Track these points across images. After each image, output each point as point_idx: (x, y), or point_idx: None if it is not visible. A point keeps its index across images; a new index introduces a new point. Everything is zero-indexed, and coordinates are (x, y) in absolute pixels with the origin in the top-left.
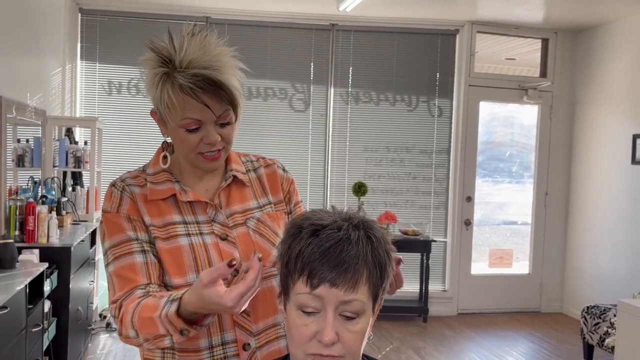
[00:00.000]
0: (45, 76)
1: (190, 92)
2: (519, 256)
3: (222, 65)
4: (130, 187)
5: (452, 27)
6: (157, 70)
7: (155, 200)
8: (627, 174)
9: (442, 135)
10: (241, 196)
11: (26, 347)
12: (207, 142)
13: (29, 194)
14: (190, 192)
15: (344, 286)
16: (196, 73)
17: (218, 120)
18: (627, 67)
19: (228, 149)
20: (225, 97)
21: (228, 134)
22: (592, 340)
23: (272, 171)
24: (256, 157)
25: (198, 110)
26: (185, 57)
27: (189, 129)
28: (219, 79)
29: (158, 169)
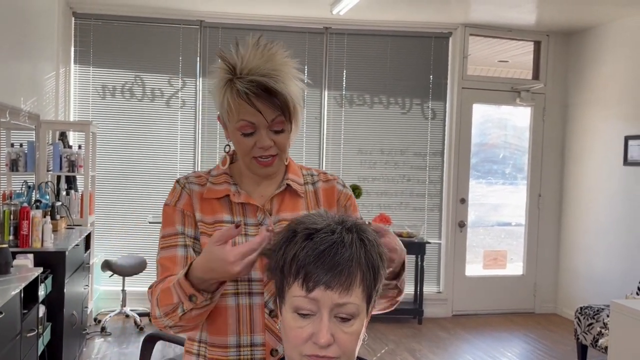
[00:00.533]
0: (39, 80)
1: (245, 97)
2: (512, 257)
3: (281, 74)
4: (190, 185)
5: (445, 29)
6: (222, 77)
7: (210, 198)
8: (619, 175)
9: (436, 137)
10: (293, 205)
11: (21, 352)
12: (259, 146)
13: (23, 198)
14: (243, 195)
15: (338, 288)
16: (253, 79)
17: (271, 126)
18: (619, 69)
19: (282, 157)
20: (278, 104)
21: (282, 142)
22: (586, 341)
23: (331, 186)
24: (318, 171)
25: (252, 114)
26: (246, 65)
27: (244, 132)
28: (273, 86)
29: (220, 172)
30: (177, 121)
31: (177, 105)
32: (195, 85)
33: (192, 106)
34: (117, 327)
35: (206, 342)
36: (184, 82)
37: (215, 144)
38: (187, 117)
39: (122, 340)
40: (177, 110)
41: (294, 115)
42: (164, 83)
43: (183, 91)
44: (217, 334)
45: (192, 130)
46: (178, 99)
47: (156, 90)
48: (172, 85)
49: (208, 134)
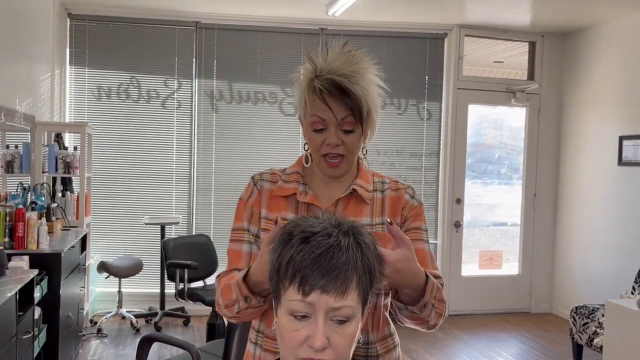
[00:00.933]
0: (34, 81)
1: (319, 94)
2: (508, 257)
3: (358, 77)
4: (262, 182)
5: (440, 30)
6: (305, 76)
7: (278, 196)
8: (614, 175)
9: (432, 138)
10: (357, 211)
11: (16, 354)
12: (327, 142)
13: (18, 200)
14: (310, 195)
15: (334, 292)
16: (329, 78)
17: (341, 125)
18: (613, 69)
19: (350, 160)
20: (350, 103)
21: (350, 143)
22: (581, 340)
23: (399, 195)
24: (391, 180)
25: (323, 110)
26: (328, 65)
27: (315, 128)
28: (347, 86)
29: (294, 171)
30: (173, 122)
31: (173, 106)
32: (191, 87)
33: (188, 107)
34: (113, 329)
35: (263, 332)
36: (180, 83)
37: (211, 145)
38: (183, 118)
39: (119, 342)
40: (173, 111)
41: (367, 119)
42: (159, 84)
43: (179, 92)
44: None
45: (188, 132)
46: (174, 100)
47: (152, 92)
48: (168, 86)
49: (204, 135)
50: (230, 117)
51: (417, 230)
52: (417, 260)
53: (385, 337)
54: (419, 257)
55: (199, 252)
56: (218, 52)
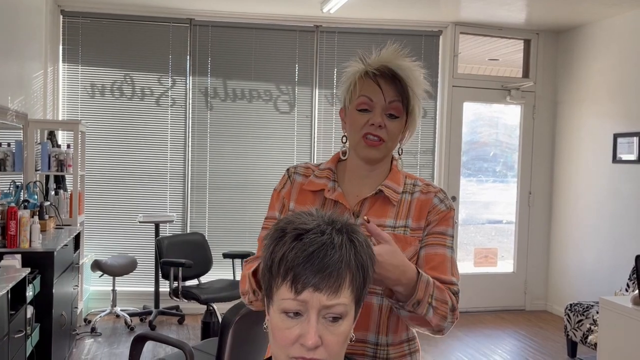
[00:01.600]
0: (27, 79)
1: (372, 76)
2: (503, 255)
3: (408, 71)
4: (295, 175)
5: (435, 28)
6: (355, 67)
7: (307, 190)
8: (608, 172)
9: (427, 135)
10: (382, 212)
11: (9, 353)
12: (371, 122)
13: (10, 198)
14: (337, 193)
15: (327, 291)
16: (383, 64)
17: (387, 109)
18: (608, 67)
19: (389, 147)
20: (400, 88)
21: (392, 129)
22: (576, 337)
23: (427, 199)
24: (423, 182)
25: (372, 90)
26: (379, 58)
27: (360, 108)
28: (399, 73)
29: (327, 167)
30: (167, 120)
31: (167, 104)
32: (186, 84)
33: (182, 105)
34: (108, 327)
35: None
36: (174, 81)
37: (205, 142)
38: (177, 116)
39: (113, 341)
40: (167, 109)
41: (412, 110)
42: (153, 82)
43: (173, 90)
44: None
45: (182, 129)
46: (168, 98)
47: (146, 89)
48: (162, 84)
49: (198, 133)
50: (224, 115)
51: (440, 235)
52: (404, 257)
53: (401, 342)
54: (437, 260)
55: (193, 251)
56: (212, 50)
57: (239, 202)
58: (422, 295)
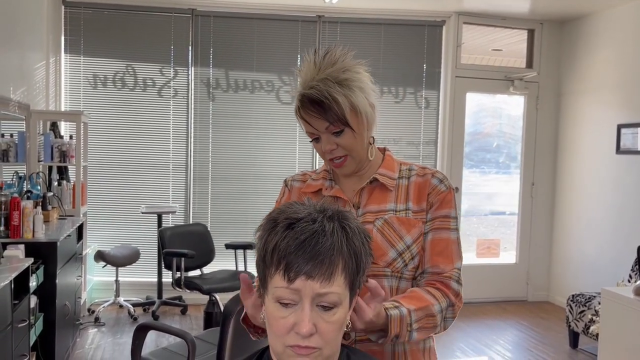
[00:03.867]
0: (29, 70)
1: (298, 112)
2: (506, 246)
3: (327, 84)
4: (292, 182)
5: (438, 18)
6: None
7: (306, 192)
8: (611, 163)
9: (429, 126)
10: (381, 198)
11: (12, 342)
12: (324, 150)
13: (13, 189)
14: (335, 189)
15: (320, 278)
16: (302, 93)
17: (328, 131)
18: (612, 57)
19: (355, 156)
20: (324, 113)
21: (345, 142)
22: (578, 328)
23: (425, 180)
24: (419, 166)
25: (307, 126)
26: (304, 79)
27: (311, 139)
28: (317, 97)
29: (323, 169)
30: (169, 111)
31: (169, 94)
32: (188, 75)
33: (184, 95)
34: (111, 318)
35: None
36: (176, 72)
37: (207, 133)
38: (180, 106)
39: (116, 331)
40: (169, 99)
41: (354, 114)
42: (155, 72)
43: (175, 81)
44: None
45: (184, 120)
46: (170, 88)
47: (148, 80)
48: (164, 74)
49: (200, 124)
50: (226, 106)
51: (443, 218)
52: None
53: None
54: (442, 246)
55: (195, 241)
56: (214, 40)
57: (241, 192)
58: (397, 330)
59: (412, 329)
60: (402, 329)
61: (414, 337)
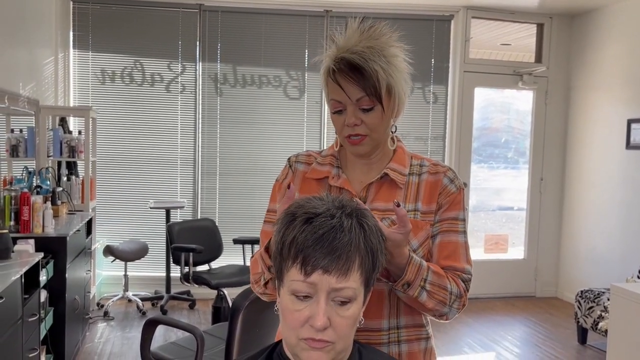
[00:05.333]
0: (38, 65)
1: (332, 75)
2: (514, 242)
3: (374, 53)
4: (297, 164)
5: (446, 12)
6: (327, 57)
7: (311, 178)
8: (621, 158)
9: (438, 121)
10: (389, 196)
11: (23, 336)
12: (346, 123)
13: (23, 184)
14: (342, 179)
15: (336, 273)
16: (342, 56)
17: (358, 104)
18: (622, 51)
19: (375, 138)
20: (362, 82)
21: (371, 121)
22: (586, 324)
23: (436, 180)
24: (431, 162)
25: (337, 92)
26: (345, 44)
27: (333, 110)
28: (358, 63)
29: (329, 153)
30: (177, 106)
31: (177, 90)
32: (195, 70)
33: (192, 91)
34: (120, 312)
35: None
36: (184, 67)
37: (215, 128)
38: (187, 101)
39: (125, 325)
40: (177, 95)
41: (388, 96)
42: (163, 68)
43: (183, 76)
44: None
45: (192, 115)
46: (178, 83)
47: (156, 75)
48: (172, 70)
49: (208, 119)
50: (234, 101)
51: (452, 220)
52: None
53: (416, 326)
54: (450, 249)
55: (204, 236)
56: (222, 35)
57: (249, 187)
58: (412, 278)
59: (425, 285)
60: (417, 279)
61: (422, 296)
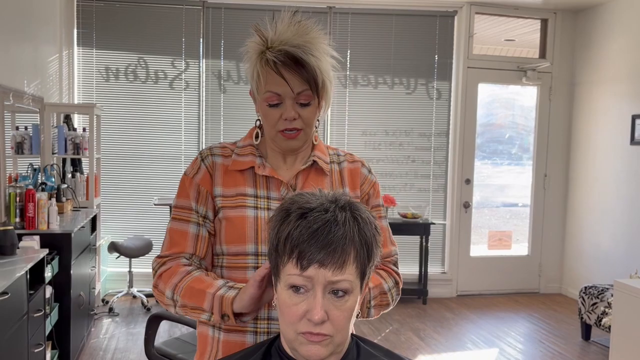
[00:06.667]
0: (43, 63)
1: (273, 66)
2: (518, 238)
3: (312, 48)
4: (213, 157)
5: (450, 8)
6: (255, 48)
7: (234, 170)
8: (626, 154)
9: (441, 117)
10: (318, 183)
11: (28, 332)
12: (284, 117)
13: (28, 181)
14: (268, 168)
15: (332, 266)
16: (282, 49)
17: (297, 98)
18: (627, 47)
19: (308, 132)
20: (306, 75)
21: (307, 116)
22: (590, 320)
23: (355, 167)
24: (345, 152)
25: (278, 84)
26: (279, 37)
27: (270, 103)
28: (302, 57)
29: (247, 143)
30: (181, 103)
31: (180, 87)
32: (199, 67)
33: (195, 88)
34: (125, 308)
35: None
36: (187, 64)
37: (219, 125)
38: (191, 98)
39: (130, 321)
40: (180, 92)
41: (323, 90)
42: (167, 65)
43: (186, 73)
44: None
45: (196, 112)
46: (181, 80)
47: (159, 72)
48: (176, 67)
49: (212, 116)
50: (238, 98)
51: (377, 208)
52: None
53: None
54: None
55: None
56: (225, 32)
57: None
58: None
59: (371, 305)
60: (363, 307)
61: (371, 314)
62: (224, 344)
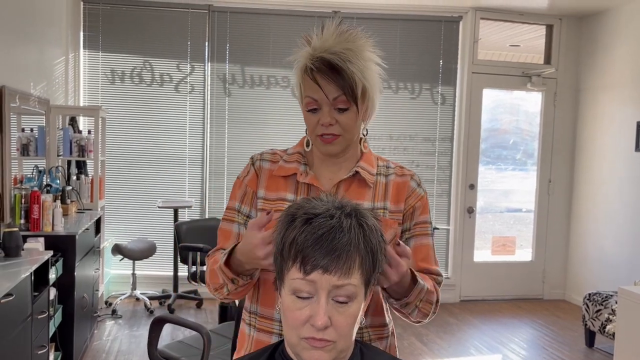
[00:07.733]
0: (48, 65)
1: (310, 73)
2: (522, 244)
3: (351, 55)
4: (261, 162)
5: (455, 13)
6: (301, 56)
7: (278, 176)
8: (630, 161)
9: (446, 122)
10: (359, 194)
11: (32, 333)
12: (321, 122)
13: (33, 182)
14: (310, 176)
15: (336, 273)
16: (320, 56)
17: (334, 104)
18: (632, 53)
19: (348, 138)
20: (341, 82)
21: (345, 121)
22: (594, 327)
23: (404, 181)
24: (396, 165)
25: (314, 90)
26: (322, 45)
27: (308, 108)
28: (337, 64)
29: (295, 151)
30: (186, 106)
31: (185, 90)
32: (204, 71)
33: (200, 91)
34: (128, 310)
35: (256, 313)
36: (193, 67)
37: (223, 129)
38: (196, 102)
39: (133, 323)
40: (185, 95)
41: (363, 97)
42: (172, 68)
43: (192, 76)
44: (266, 307)
45: (200, 115)
46: (187, 84)
47: (165, 76)
48: (181, 70)
49: (216, 119)
50: (242, 101)
51: (424, 224)
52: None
53: (379, 326)
54: (424, 253)
55: (211, 236)
56: (231, 36)
57: None
58: (412, 299)
59: (419, 304)
60: (415, 300)
61: (414, 313)
62: (256, 342)
